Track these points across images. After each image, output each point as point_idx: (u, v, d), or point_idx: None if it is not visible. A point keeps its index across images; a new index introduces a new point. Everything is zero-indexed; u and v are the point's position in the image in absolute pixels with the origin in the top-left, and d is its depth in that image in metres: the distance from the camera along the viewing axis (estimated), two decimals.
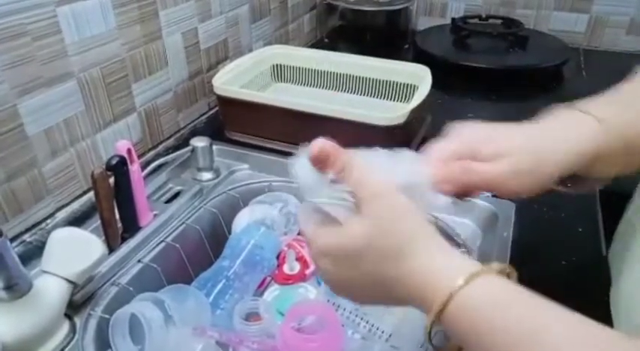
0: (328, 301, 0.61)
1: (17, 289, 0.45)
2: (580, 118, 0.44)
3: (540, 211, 0.69)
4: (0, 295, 0.45)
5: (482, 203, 0.68)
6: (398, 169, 0.40)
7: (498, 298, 0.33)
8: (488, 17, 1.33)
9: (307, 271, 0.70)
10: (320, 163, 0.37)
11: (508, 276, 0.36)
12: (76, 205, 0.68)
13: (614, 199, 0.69)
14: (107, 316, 0.53)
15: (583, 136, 0.43)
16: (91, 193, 0.67)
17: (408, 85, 0.91)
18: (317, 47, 1.16)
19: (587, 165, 0.43)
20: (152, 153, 0.81)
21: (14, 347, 0.46)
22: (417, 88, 0.85)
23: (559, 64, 1.15)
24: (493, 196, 0.42)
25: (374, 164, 0.39)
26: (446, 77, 0.92)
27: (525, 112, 0.48)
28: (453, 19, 1.31)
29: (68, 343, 0.50)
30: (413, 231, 0.36)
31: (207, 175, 0.77)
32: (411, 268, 0.35)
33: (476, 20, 1.33)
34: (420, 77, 0.86)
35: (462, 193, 0.44)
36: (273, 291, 0.67)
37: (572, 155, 0.43)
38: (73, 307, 0.54)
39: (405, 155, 0.42)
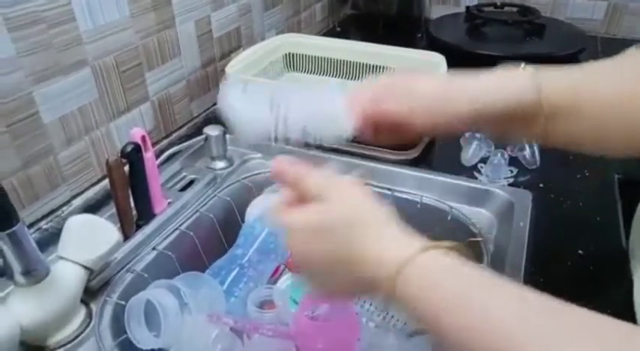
0: None
1: (35, 274, 0.46)
2: (513, 71, 0.45)
3: (557, 200, 0.68)
4: (18, 280, 0.45)
5: (498, 192, 0.67)
6: (318, 97, 0.47)
7: (448, 265, 0.33)
8: (503, 5, 1.31)
9: None
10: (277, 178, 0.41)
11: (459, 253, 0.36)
12: (91, 193, 0.68)
13: (633, 188, 0.68)
14: (123, 302, 0.53)
15: (506, 87, 0.44)
16: (106, 181, 0.67)
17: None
18: (329, 36, 1.15)
19: (518, 119, 0.44)
20: (165, 142, 0.82)
21: (32, 331, 0.46)
22: None
23: (576, 53, 1.13)
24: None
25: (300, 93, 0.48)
26: (460, 66, 0.90)
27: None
28: (468, 7, 1.29)
29: (85, 329, 0.51)
30: (370, 216, 0.37)
31: (220, 164, 0.76)
32: (366, 248, 0.36)
33: (491, 8, 1.30)
34: (434, 65, 0.85)
35: (373, 132, 0.49)
36: (286, 279, 0.67)
37: (486, 101, 0.44)
38: (90, 293, 0.54)
39: (329, 91, 0.48)
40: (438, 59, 0.86)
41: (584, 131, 0.44)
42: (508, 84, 0.45)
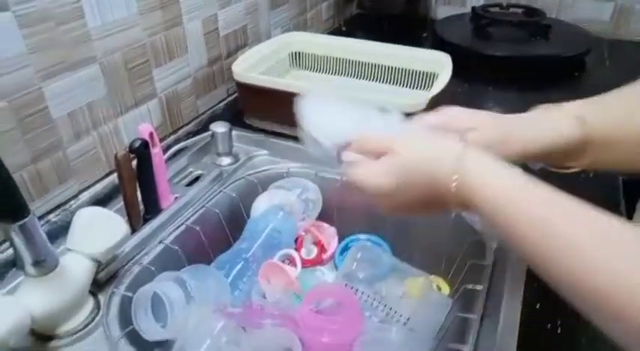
0: (346, 284, 0.61)
1: (45, 265, 0.46)
2: (555, 113, 0.49)
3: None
4: (29, 271, 0.46)
5: None
6: (388, 126, 0.48)
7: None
8: (509, 6, 1.31)
9: (324, 256, 0.71)
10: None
11: None
12: (99, 187, 0.69)
13: (637, 188, 0.68)
14: (130, 294, 0.54)
15: (555, 128, 0.48)
16: (114, 176, 0.68)
17: (428, 73, 0.90)
18: (334, 35, 1.15)
19: (564, 154, 0.48)
20: (172, 138, 0.82)
21: (42, 321, 0.47)
22: (437, 75, 0.84)
23: (582, 54, 1.13)
24: None
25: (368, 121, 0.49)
26: (466, 66, 0.91)
27: (546, 101, 0.51)
28: (474, 8, 1.29)
29: (93, 319, 0.52)
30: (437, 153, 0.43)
31: (226, 160, 0.77)
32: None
33: (497, 9, 1.30)
34: (440, 64, 0.85)
35: None
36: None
37: (541, 141, 0.48)
38: (97, 285, 0.55)
39: (394, 116, 0.49)
40: (444, 59, 0.86)
41: (629, 158, 0.49)
42: (555, 127, 0.48)
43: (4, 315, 0.43)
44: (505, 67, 1.12)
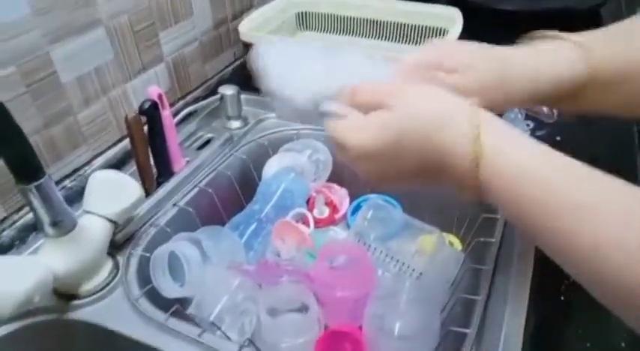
0: (359, 241, 0.62)
1: (63, 225, 0.47)
2: (559, 44, 0.44)
3: (575, 154, 0.67)
4: (48, 232, 0.47)
5: None
6: (369, 72, 0.42)
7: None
8: None
9: (336, 216, 0.71)
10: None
11: None
12: (111, 153, 0.70)
13: None
14: (147, 254, 0.55)
15: (559, 62, 0.43)
16: (126, 141, 0.68)
17: (437, 28, 0.88)
18: None
19: (568, 93, 0.43)
20: (181, 103, 0.82)
21: (64, 280, 0.49)
22: (447, 31, 0.83)
23: (597, 5, 1.09)
24: None
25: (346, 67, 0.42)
26: (476, 22, 0.88)
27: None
28: None
29: (113, 279, 0.53)
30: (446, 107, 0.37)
31: (236, 124, 0.77)
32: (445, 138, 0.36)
33: None
34: (450, 20, 0.83)
35: None
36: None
37: (544, 78, 0.42)
38: (116, 247, 0.56)
39: (378, 61, 0.43)
40: (455, 14, 0.84)
41: (633, 98, 0.44)
42: (559, 60, 0.43)
43: (27, 273, 0.44)
44: (516, 22, 1.08)
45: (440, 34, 0.88)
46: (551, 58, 0.43)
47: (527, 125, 0.72)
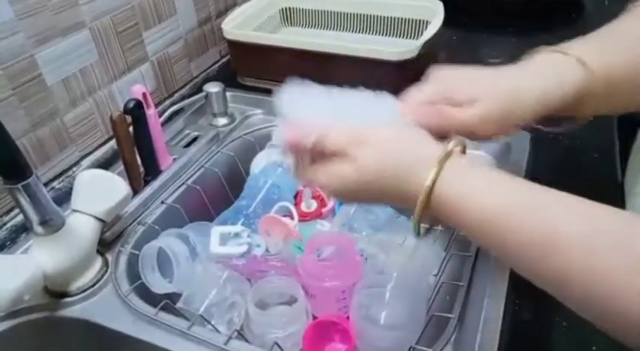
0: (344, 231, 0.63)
1: (51, 224, 0.48)
2: (560, 60, 0.44)
3: (556, 139, 0.69)
4: (37, 231, 0.48)
5: None
6: (375, 111, 0.42)
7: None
8: None
9: (324, 209, 0.72)
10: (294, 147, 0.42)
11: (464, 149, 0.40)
12: (99, 153, 0.71)
13: (631, 126, 0.68)
14: (136, 251, 0.56)
15: (563, 78, 0.43)
16: (113, 142, 0.69)
17: (419, 20, 0.89)
18: None
19: (567, 107, 0.44)
20: (168, 102, 0.83)
21: (54, 278, 0.50)
22: (429, 23, 0.83)
23: None
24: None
25: (352, 108, 0.42)
26: (459, 13, 0.89)
27: (544, 44, 0.47)
28: None
29: (102, 276, 0.54)
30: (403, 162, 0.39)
31: (222, 121, 0.78)
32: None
33: None
34: (431, 11, 0.84)
35: (438, 136, 0.43)
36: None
37: (549, 97, 0.43)
38: (105, 245, 0.57)
39: (384, 99, 0.43)
40: (435, 5, 0.85)
41: (629, 102, 0.47)
42: (565, 80, 0.44)
43: (17, 271, 0.45)
44: (499, 12, 1.09)
45: (421, 26, 0.89)
46: (557, 80, 0.44)
47: None
